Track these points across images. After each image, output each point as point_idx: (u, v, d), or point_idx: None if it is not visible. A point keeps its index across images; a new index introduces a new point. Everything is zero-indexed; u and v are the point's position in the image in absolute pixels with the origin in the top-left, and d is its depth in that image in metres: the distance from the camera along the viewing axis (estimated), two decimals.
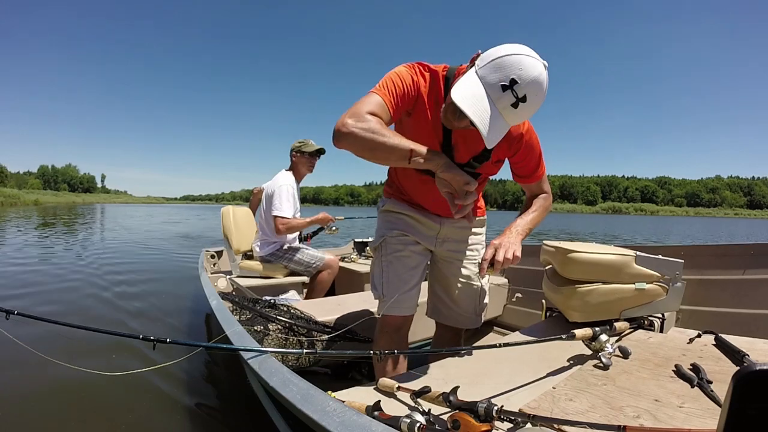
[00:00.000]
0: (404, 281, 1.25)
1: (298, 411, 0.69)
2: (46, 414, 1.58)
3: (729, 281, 1.54)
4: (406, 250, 1.28)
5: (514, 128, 1.10)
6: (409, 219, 1.30)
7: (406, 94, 1.03)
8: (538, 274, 2.02)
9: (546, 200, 1.26)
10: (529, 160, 1.18)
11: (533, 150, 1.16)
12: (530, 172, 1.21)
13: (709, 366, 0.92)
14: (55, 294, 3.61)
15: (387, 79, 1.02)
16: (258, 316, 1.53)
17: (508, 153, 1.15)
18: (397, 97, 1.01)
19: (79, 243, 7.98)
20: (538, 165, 1.21)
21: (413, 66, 1.07)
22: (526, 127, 1.13)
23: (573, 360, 1.05)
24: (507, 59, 0.82)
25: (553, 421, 0.68)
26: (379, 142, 0.90)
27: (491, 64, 0.84)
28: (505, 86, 0.82)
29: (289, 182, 2.59)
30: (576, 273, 1.33)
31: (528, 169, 1.21)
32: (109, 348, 2.19)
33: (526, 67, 0.81)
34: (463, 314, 1.37)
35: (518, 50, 0.83)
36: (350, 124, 0.90)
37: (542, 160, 1.21)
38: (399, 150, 0.91)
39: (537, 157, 1.19)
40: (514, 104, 0.83)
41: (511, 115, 0.85)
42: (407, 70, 1.06)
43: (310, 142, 2.68)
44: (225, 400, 1.77)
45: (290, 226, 2.53)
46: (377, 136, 0.90)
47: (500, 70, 0.83)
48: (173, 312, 3.13)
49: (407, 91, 1.03)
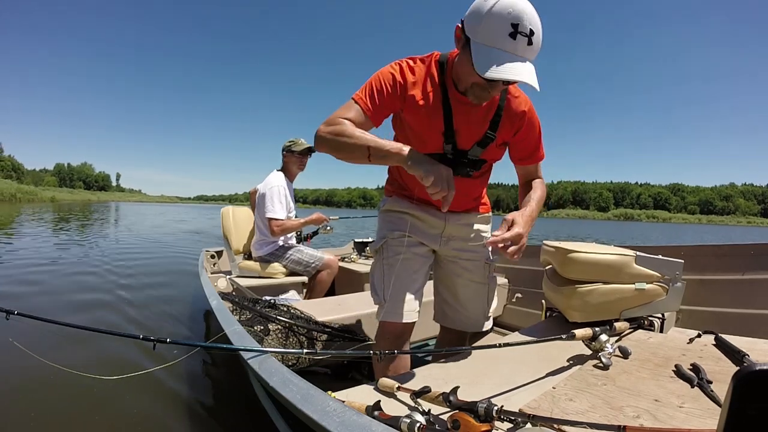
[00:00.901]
0: (406, 286, 1.20)
1: (298, 411, 0.69)
2: (44, 414, 1.58)
3: (729, 281, 1.54)
4: (408, 253, 1.23)
5: (516, 105, 1.11)
6: (412, 218, 1.26)
7: (389, 93, 1.06)
8: (538, 274, 2.02)
9: (543, 186, 1.23)
10: (530, 139, 1.17)
11: (534, 128, 1.16)
12: (530, 153, 1.20)
13: (709, 366, 0.92)
14: (57, 293, 3.60)
15: (367, 82, 1.06)
16: (258, 316, 1.53)
17: (511, 132, 1.15)
18: (376, 99, 1.04)
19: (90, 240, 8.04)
20: (537, 145, 1.20)
21: (398, 63, 1.09)
22: (528, 105, 1.13)
23: (573, 360, 1.04)
24: (494, 11, 0.84)
25: (553, 421, 0.68)
26: (341, 142, 0.97)
27: (484, 24, 0.86)
28: (513, 33, 0.84)
29: (279, 183, 2.60)
30: (576, 273, 1.33)
31: (528, 149, 1.19)
32: (109, 347, 2.18)
33: (513, 4, 0.84)
34: (470, 317, 1.32)
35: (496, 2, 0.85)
36: (321, 129, 1.00)
37: (542, 142, 1.20)
38: (358, 148, 0.96)
39: (537, 136, 1.18)
40: (528, 42, 0.86)
41: (530, 52, 0.88)
42: (390, 69, 1.08)
43: (301, 140, 2.70)
44: (225, 400, 1.77)
45: (285, 227, 2.54)
46: (339, 137, 0.97)
47: (496, 23, 0.85)
48: (173, 312, 3.13)
49: (389, 91, 1.05)
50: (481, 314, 1.33)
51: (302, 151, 2.69)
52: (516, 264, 2.35)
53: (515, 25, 0.84)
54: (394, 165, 1.02)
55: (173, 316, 3.03)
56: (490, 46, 0.86)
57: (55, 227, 10.66)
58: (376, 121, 1.08)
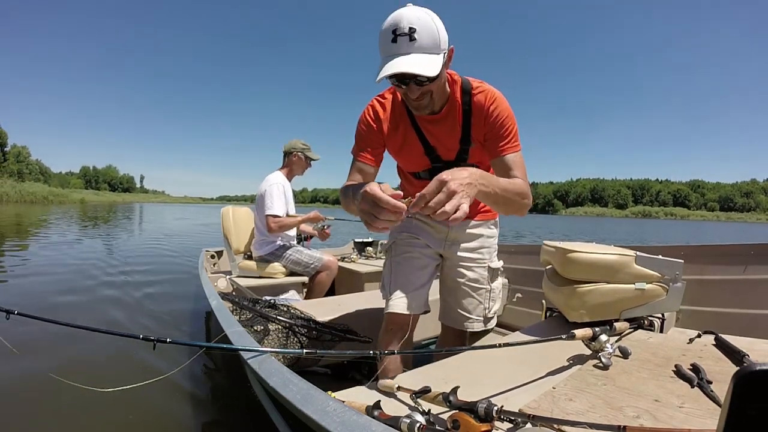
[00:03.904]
0: (410, 281, 1.27)
1: (298, 411, 0.69)
2: (44, 413, 1.58)
3: (729, 281, 1.54)
4: (414, 252, 1.32)
5: (479, 101, 1.13)
6: (418, 221, 1.34)
7: (371, 137, 1.20)
8: (538, 274, 2.02)
9: (522, 184, 1.06)
10: (496, 129, 1.11)
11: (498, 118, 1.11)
12: (498, 144, 1.11)
13: (709, 366, 0.92)
14: (59, 293, 3.60)
15: (356, 134, 1.22)
16: (258, 316, 1.53)
17: (484, 128, 1.13)
18: (366, 147, 1.20)
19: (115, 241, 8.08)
20: (505, 136, 1.11)
21: (370, 104, 1.22)
22: (491, 98, 1.12)
23: (573, 360, 1.04)
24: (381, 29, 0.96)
25: (553, 421, 0.68)
26: (343, 203, 1.10)
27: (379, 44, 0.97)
28: (393, 38, 0.93)
29: (279, 181, 2.62)
30: (576, 273, 1.33)
31: (496, 141, 1.12)
32: (110, 347, 2.18)
33: (391, 16, 0.94)
34: (470, 318, 1.36)
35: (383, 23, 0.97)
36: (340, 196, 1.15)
37: (516, 137, 1.12)
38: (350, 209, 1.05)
39: (504, 126, 1.11)
40: (410, 39, 0.92)
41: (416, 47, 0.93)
42: (364, 113, 1.21)
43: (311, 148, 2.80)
44: (225, 400, 1.77)
45: (282, 224, 2.55)
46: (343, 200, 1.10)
47: (382, 37, 0.95)
48: (173, 312, 3.13)
49: (370, 135, 1.19)
50: (480, 315, 1.37)
51: (314, 159, 2.80)
52: (516, 264, 2.35)
53: (394, 30, 0.93)
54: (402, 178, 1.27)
55: (173, 315, 3.04)
56: (382, 57, 0.96)
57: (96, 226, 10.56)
58: (375, 163, 1.22)
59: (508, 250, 2.40)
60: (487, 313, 1.37)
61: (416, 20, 0.92)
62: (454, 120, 1.15)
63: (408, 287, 1.26)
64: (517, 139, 1.13)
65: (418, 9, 0.95)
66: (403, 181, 1.39)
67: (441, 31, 0.96)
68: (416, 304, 1.25)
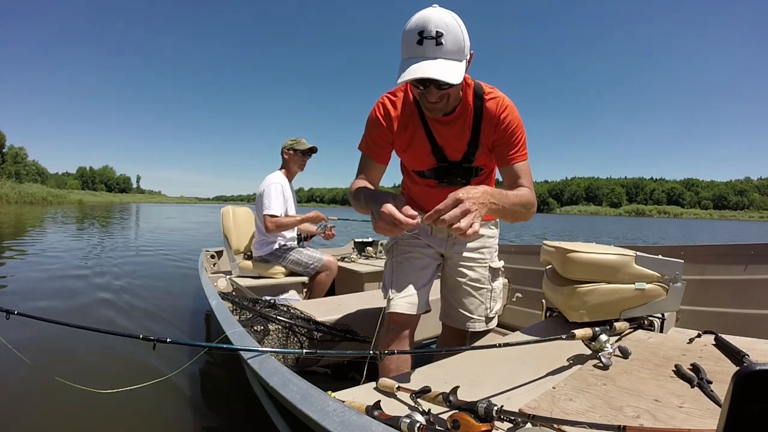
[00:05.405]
0: (412, 281, 1.28)
1: (298, 411, 0.69)
2: (45, 414, 1.58)
3: (729, 281, 1.54)
4: (416, 252, 1.33)
5: (491, 107, 1.13)
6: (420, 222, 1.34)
7: (380, 134, 1.19)
8: (538, 274, 2.02)
9: (529, 193, 1.09)
10: (507, 138, 1.13)
11: (509, 127, 1.12)
12: (508, 152, 1.14)
13: (709, 366, 0.92)
14: (59, 293, 3.60)
15: (365, 131, 1.22)
16: (258, 316, 1.53)
17: (494, 135, 1.15)
18: (374, 143, 1.20)
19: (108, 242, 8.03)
20: (515, 144, 1.14)
21: (380, 101, 1.21)
22: (503, 106, 1.13)
23: (573, 360, 1.04)
24: (406, 29, 0.94)
25: (553, 421, 0.68)
26: (354, 205, 1.12)
27: (402, 43, 0.95)
28: (419, 40, 0.91)
29: (277, 180, 2.61)
30: (576, 273, 1.33)
31: (506, 149, 1.14)
32: (110, 347, 2.18)
33: (417, 16, 0.93)
34: (472, 317, 1.37)
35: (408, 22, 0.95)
36: (348, 195, 1.17)
37: (524, 146, 1.15)
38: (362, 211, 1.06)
39: (515, 135, 1.13)
40: (436, 43, 0.91)
41: (442, 51, 0.92)
42: (374, 110, 1.20)
43: (303, 140, 2.70)
44: (225, 400, 1.77)
45: (280, 223, 2.53)
46: (354, 202, 1.11)
47: (407, 37, 0.93)
48: (173, 312, 3.13)
49: (379, 131, 1.19)
50: (480, 315, 1.37)
51: (305, 151, 2.69)
52: (516, 264, 2.35)
53: (421, 32, 0.91)
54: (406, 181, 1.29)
55: (173, 315, 3.04)
56: (404, 59, 0.95)
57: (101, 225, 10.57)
58: (382, 161, 1.23)
59: (508, 250, 2.40)
60: (488, 312, 1.38)
61: (444, 25, 0.91)
62: (464, 123, 1.15)
63: (409, 287, 1.26)
64: (525, 148, 1.16)
65: (445, 12, 0.93)
66: (405, 178, 1.39)
67: (466, 38, 0.95)
68: (418, 304, 1.26)
